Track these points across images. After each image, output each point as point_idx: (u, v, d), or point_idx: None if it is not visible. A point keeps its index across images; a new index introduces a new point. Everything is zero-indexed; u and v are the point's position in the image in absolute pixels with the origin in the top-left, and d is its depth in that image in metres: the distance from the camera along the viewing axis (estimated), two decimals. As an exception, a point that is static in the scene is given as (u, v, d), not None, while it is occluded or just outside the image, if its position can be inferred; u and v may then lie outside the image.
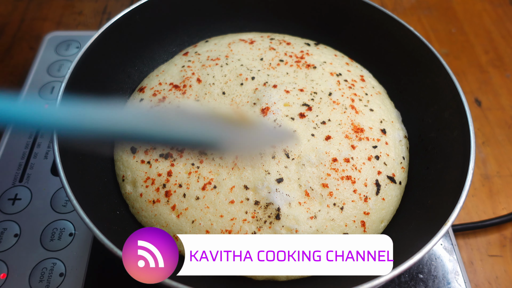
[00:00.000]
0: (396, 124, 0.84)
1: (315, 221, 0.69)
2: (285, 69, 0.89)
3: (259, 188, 0.71)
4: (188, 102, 0.83)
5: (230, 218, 0.70)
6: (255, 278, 0.69)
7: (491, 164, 1.08)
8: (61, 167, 0.65)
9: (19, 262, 0.82)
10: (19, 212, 0.88)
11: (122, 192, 0.77)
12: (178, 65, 0.91)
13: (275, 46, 0.95)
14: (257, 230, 0.69)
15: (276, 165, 0.73)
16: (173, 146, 0.75)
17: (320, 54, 0.94)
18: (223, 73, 0.87)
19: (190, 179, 0.73)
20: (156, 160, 0.76)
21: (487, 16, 1.42)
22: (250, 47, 0.94)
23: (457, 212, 0.64)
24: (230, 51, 0.93)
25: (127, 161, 0.78)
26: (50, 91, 1.09)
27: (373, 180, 0.75)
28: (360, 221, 0.72)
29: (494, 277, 0.91)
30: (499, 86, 1.24)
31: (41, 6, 1.40)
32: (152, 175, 0.74)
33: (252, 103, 0.81)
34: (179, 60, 0.93)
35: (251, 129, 0.48)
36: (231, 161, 0.74)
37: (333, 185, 0.72)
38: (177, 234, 0.70)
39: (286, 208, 0.70)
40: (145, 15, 0.91)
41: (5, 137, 1.00)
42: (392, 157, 0.79)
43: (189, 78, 0.87)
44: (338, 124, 0.79)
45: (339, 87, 0.86)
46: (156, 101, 0.84)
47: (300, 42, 0.98)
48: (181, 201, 0.72)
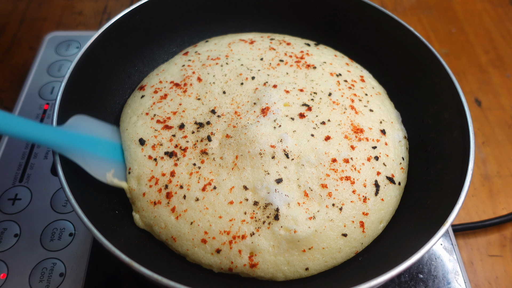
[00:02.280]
0: (395, 125, 0.84)
1: (314, 222, 0.69)
2: (285, 69, 0.89)
3: (258, 188, 0.71)
4: (189, 101, 0.83)
5: (229, 219, 0.70)
6: (255, 277, 0.70)
7: (491, 164, 1.08)
8: (60, 168, 0.65)
9: (19, 262, 0.82)
10: (19, 212, 0.88)
11: (127, 185, 0.76)
12: (178, 64, 0.91)
13: (275, 46, 0.95)
14: (255, 230, 0.69)
15: (276, 165, 0.73)
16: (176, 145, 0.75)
17: (320, 54, 0.94)
18: (223, 72, 0.87)
19: (191, 180, 0.73)
20: (162, 158, 0.75)
21: (487, 16, 1.42)
22: (250, 47, 0.94)
23: (456, 212, 0.64)
24: (230, 51, 0.93)
25: (135, 153, 0.77)
26: (50, 91, 1.09)
27: (372, 181, 0.75)
28: (359, 221, 0.72)
29: (494, 277, 0.91)
30: (499, 86, 1.24)
31: (41, 6, 1.40)
32: (156, 174, 0.74)
33: (252, 103, 0.81)
34: (179, 59, 0.93)
35: None
36: (231, 161, 0.74)
37: (332, 185, 0.72)
38: (175, 235, 0.71)
39: (285, 209, 0.70)
40: (145, 15, 0.92)
41: (5, 137, 1.00)
42: (392, 157, 0.79)
43: (189, 77, 0.87)
44: (338, 124, 0.79)
45: (339, 87, 0.86)
46: (158, 98, 0.84)
47: (300, 42, 0.98)
48: (181, 203, 0.72)
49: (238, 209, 0.70)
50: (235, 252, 0.68)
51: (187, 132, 0.78)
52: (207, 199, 0.71)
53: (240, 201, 0.71)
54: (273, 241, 0.68)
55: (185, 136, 0.77)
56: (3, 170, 0.95)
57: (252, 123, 0.76)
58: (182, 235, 0.70)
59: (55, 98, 1.07)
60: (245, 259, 0.68)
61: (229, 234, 0.69)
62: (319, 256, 0.69)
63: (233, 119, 0.78)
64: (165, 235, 0.71)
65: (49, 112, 1.05)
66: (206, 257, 0.69)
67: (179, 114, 0.81)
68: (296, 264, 0.69)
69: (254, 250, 0.68)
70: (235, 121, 0.78)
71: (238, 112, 0.80)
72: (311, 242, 0.68)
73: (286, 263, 0.68)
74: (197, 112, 0.81)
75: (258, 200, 0.71)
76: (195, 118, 0.80)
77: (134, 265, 0.57)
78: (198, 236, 0.69)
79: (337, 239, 0.70)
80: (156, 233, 0.72)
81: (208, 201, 0.71)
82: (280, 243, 0.68)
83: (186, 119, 0.80)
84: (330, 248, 0.69)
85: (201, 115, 0.80)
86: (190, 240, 0.70)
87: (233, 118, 0.79)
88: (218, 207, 0.70)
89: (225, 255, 0.68)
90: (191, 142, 0.77)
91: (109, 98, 0.88)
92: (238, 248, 0.68)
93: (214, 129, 0.77)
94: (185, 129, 0.78)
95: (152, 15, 0.93)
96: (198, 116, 0.80)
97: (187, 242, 0.70)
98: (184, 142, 0.77)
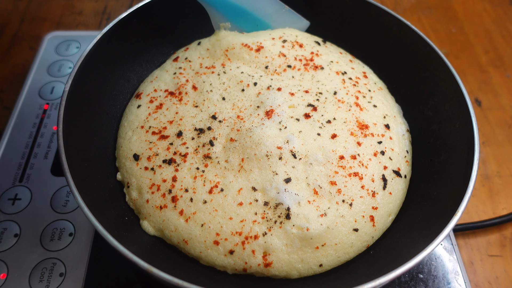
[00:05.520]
0: (398, 119, 0.85)
1: (326, 219, 0.70)
2: (291, 73, 0.88)
3: (267, 189, 0.71)
4: (187, 108, 0.82)
5: (239, 220, 0.69)
6: (270, 276, 0.70)
7: (491, 164, 1.08)
8: (71, 180, 0.64)
9: (19, 262, 0.82)
10: (19, 212, 0.88)
11: (127, 198, 0.77)
12: (169, 71, 0.90)
13: (286, 51, 0.90)
14: (267, 230, 0.69)
15: (284, 165, 0.73)
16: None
17: (328, 53, 0.93)
18: (221, 81, 0.85)
19: (196, 183, 0.73)
20: (160, 166, 0.75)
21: (487, 16, 1.42)
22: (256, 55, 0.89)
23: (466, 200, 0.65)
24: (227, 59, 0.89)
25: (130, 168, 0.77)
26: (50, 91, 1.09)
27: (379, 175, 0.75)
28: (369, 215, 0.72)
29: (494, 277, 0.91)
30: (499, 86, 1.24)
31: (41, 6, 1.40)
32: (157, 181, 0.74)
33: (256, 106, 0.81)
34: (170, 66, 0.91)
35: None
36: (237, 164, 0.74)
37: (341, 182, 0.72)
38: (186, 238, 0.70)
39: (295, 207, 0.70)
40: (141, 18, 0.91)
41: (5, 137, 0.99)
42: (397, 151, 0.79)
43: (183, 85, 0.86)
44: (344, 122, 0.79)
45: (344, 85, 0.86)
46: (153, 108, 0.83)
47: (311, 41, 0.95)
48: (189, 206, 0.71)
49: (248, 210, 0.70)
50: (249, 253, 0.68)
51: (186, 139, 0.77)
52: (215, 201, 0.71)
53: (249, 202, 0.71)
54: (286, 239, 0.68)
55: (184, 143, 0.77)
56: (3, 170, 0.94)
57: (257, 126, 0.76)
58: (193, 238, 0.70)
59: (55, 99, 1.08)
60: (259, 259, 0.68)
61: (241, 235, 0.69)
62: (332, 252, 0.70)
63: (236, 123, 0.78)
64: (176, 238, 0.71)
65: (49, 112, 1.05)
66: (219, 259, 0.69)
67: (176, 122, 0.80)
68: (310, 261, 0.69)
69: (268, 249, 0.68)
70: (238, 125, 0.77)
71: (241, 116, 0.79)
72: (323, 238, 0.69)
73: (300, 261, 0.69)
74: (196, 119, 0.80)
75: (268, 200, 0.71)
76: (194, 125, 0.79)
77: (153, 270, 0.57)
78: (210, 238, 0.69)
79: (348, 234, 0.70)
80: (167, 236, 0.72)
81: (216, 203, 0.71)
82: (293, 242, 0.68)
83: (184, 126, 0.79)
84: (343, 243, 0.70)
85: (200, 121, 0.79)
86: (202, 242, 0.69)
87: (236, 122, 0.78)
88: (228, 209, 0.70)
89: (239, 255, 0.68)
90: (191, 148, 0.76)
91: (110, 103, 0.87)
92: (252, 249, 0.68)
93: (216, 134, 0.77)
94: (184, 136, 0.78)
95: (148, 18, 0.92)
96: (198, 122, 0.79)
97: (199, 245, 0.70)
98: (184, 149, 0.76)
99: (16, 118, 1.03)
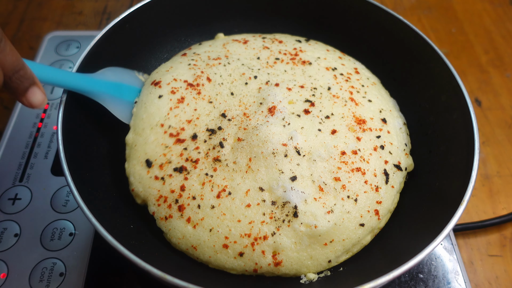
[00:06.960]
0: (394, 112, 0.86)
1: (332, 215, 0.70)
2: (283, 67, 0.89)
3: (274, 188, 0.71)
4: (203, 105, 0.81)
5: (248, 221, 0.69)
6: (280, 274, 0.70)
7: (491, 164, 1.08)
8: (74, 188, 0.64)
9: (19, 262, 0.81)
10: (19, 212, 0.88)
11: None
12: (183, 63, 0.89)
13: (268, 44, 0.95)
14: (276, 230, 0.69)
15: (289, 163, 0.73)
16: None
17: (312, 50, 0.94)
18: (227, 72, 0.86)
19: (204, 190, 0.72)
20: (170, 175, 0.74)
21: (487, 16, 1.42)
22: (245, 46, 0.94)
23: (470, 190, 0.65)
24: (227, 51, 0.92)
25: (139, 175, 0.75)
26: (50, 91, 1.09)
27: (381, 170, 0.76)
28: (374, 210, 0.73)
29: (494, 277, 0.91)
30: (499, 86, 1.24)
31: (41, 6, 1.40)
32: (164, 193, 0.73)
33: (259, 103, 0.81)
34: (182, 59, 0.91)
35: None
36: (245, 164, 0.73)
37: (345, 178, 0.73)
38: (195, 244, 0.70)
39: (302, 205, 0.70)
40: (141, 19, 0.91)
41: (5, 137, 0.99)
42: (396, 145, 0.80)
43: (200, 76, 0.85)
44: (341, 117, 0.80)
45: (336, 81, 0.87)
46: (175, 101, 0.81)
47: (291, 39, 0.98)
48: (196, 212, 0.71)
49: (256, 211, 0.70)
50: (259, 253, 0.68)
51: (199, 143, 0.76)
52: (223, 205, 0.71)
53: (257, 203, 0.71)
54: (295, 238, 0.69)
55: (197, 148, 0.75)
56: (3, 170, 0.94)
57: (262, 124, 0.76)
58: (202, 243, 0.70)
59: (55, 99, 1.08)
60: (269, 259, 0.68)
61: (250, 237, 0.69)
62: (340, 248, 0.70)
63: (243, 121, 0.78)
64: (184, 245, 0.71)
65: (49, 112, 1.05)
66: (229, 262, 0.69)
67: (193, 122, 0.78)
68: (319, 257, 0.70)
69: (277, 249, 0.68)
70: (245, 123, 0.78)
71: (247, 114, 0.79)
72: (331, 235, 0.69)
73: (309, 258, 0.69)
74: (210, 118, 0.79)
75: (275, 200, 0.71)
76: (207, 125, 0.78)
77: (167, 278, 0.57)
78: (219, 242, 0.69)
79: (355, 229, 0.71)
80: (175, 244, 0.72)
81: (224, 207, 0.71)
82: (301, 239, 0.69)
83: (199, 127, 0.78)
84: (350, 239, 0.70)
85: (212, 120, 0.79)
86: (211, 247, 0.69)
87: (242, 121, 0.78)
88: (236, 212, 0.70)
89: (249, 257, 0.68)
90: (203, 153, 0.75)
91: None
92: (261, 249, 0.68)
93: (225, 134, 0.76)
94: (198, 139, 0.76)
95: (141, 23, 0.92)
96: (210, 122, 0.79)
97: (208, 250, 0.70)
98: (196, 154, 0.75)
99: (16, 118, 1.03)
